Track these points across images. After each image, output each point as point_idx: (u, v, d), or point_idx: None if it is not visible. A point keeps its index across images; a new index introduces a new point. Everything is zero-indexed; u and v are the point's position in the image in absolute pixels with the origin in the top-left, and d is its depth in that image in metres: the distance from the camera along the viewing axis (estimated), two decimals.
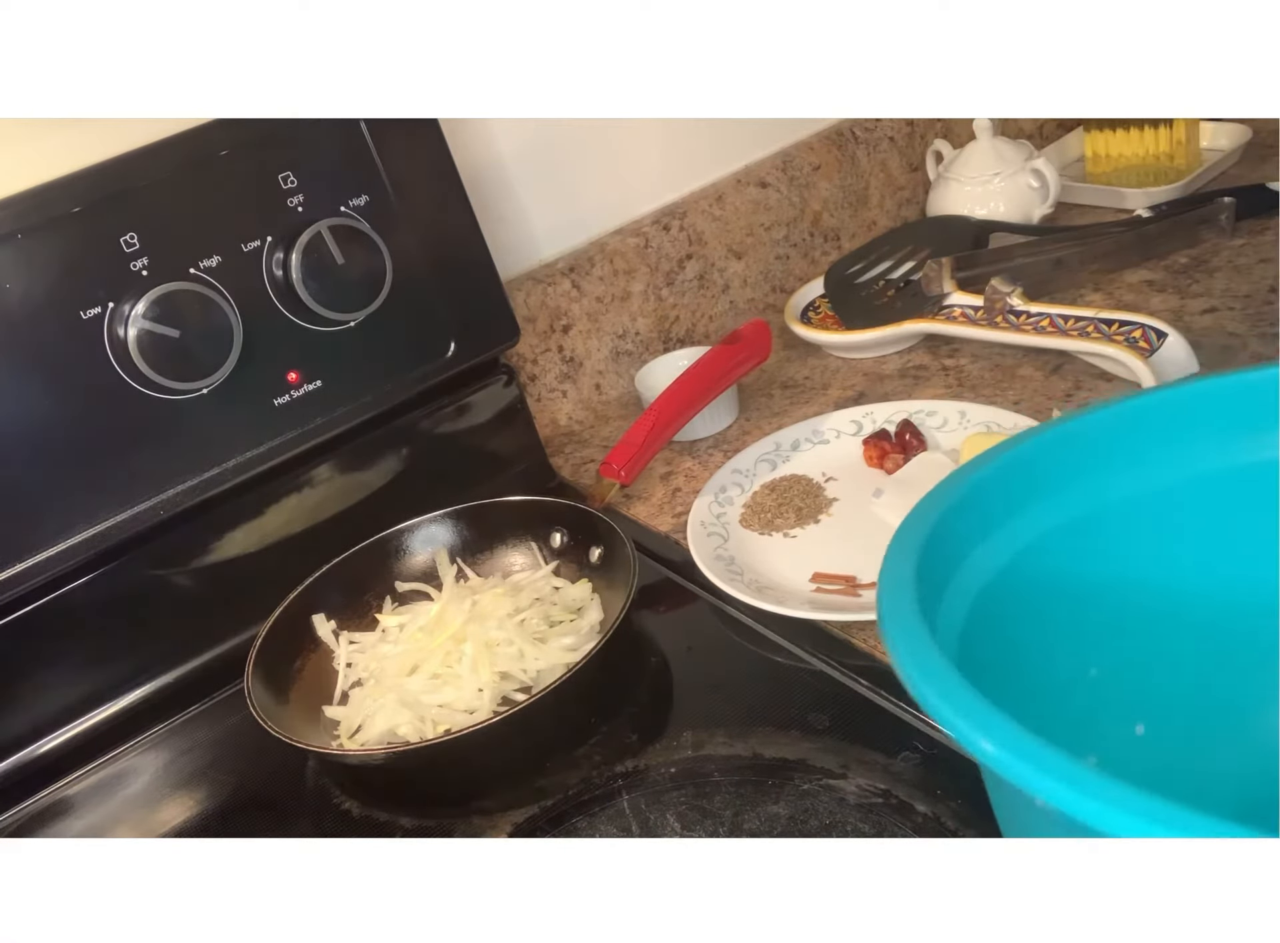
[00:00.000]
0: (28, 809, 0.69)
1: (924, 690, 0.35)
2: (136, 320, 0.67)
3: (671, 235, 0.98)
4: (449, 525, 0.77)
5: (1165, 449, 0.49)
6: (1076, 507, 0.48)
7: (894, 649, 0.38)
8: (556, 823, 0.57)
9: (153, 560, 0.73)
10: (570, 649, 0.67)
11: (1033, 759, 0.31)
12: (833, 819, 0.53)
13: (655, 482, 0.84)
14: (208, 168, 0.70)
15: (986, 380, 0.85)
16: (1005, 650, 0.44)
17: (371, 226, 0.74)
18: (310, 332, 0.74)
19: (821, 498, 0.77)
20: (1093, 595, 0.49)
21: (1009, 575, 0.46)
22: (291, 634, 0.71)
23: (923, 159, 1.12)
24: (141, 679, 0.74)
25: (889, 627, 0.39)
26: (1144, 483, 0.49)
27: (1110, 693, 0.48)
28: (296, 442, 0.75)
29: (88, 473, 0.68)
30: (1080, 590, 0.48)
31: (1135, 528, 0.49)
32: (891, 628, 0.39)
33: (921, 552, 0.42)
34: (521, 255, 0.93)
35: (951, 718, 0.33)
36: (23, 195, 0.65)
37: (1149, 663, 0.49)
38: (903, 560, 0.42)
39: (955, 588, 0.44)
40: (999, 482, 0.47)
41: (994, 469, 0.48)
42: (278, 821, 0.63)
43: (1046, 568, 0.47)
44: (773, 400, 0.91)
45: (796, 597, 0.68)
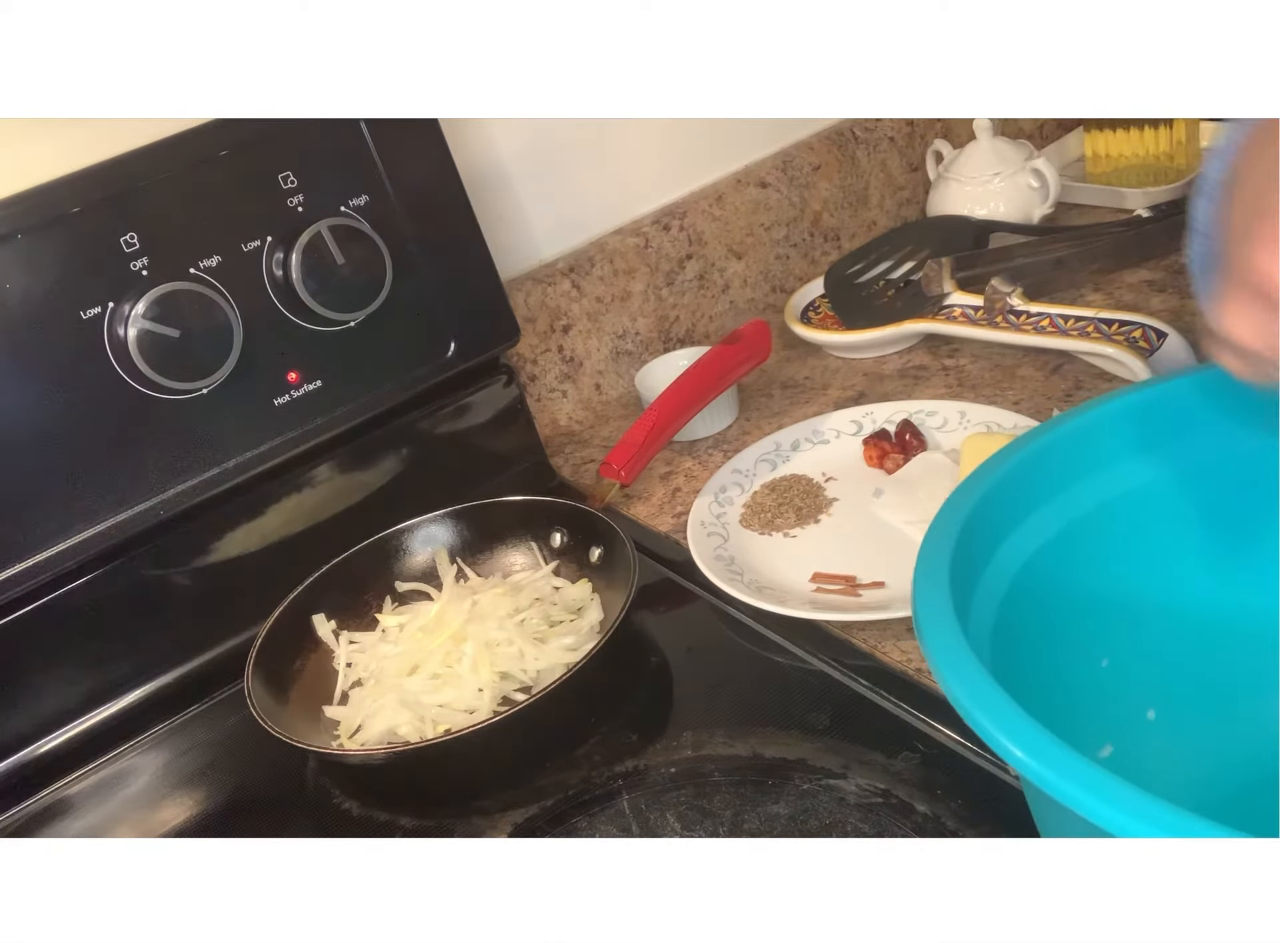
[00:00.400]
0: (28, 809, 0.69)
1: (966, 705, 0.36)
2: (136, 320, 0.67)
3: (671, 235, 0.98)
4: (449, 525, 0.77)
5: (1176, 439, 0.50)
6: (1089, 501, 0.49)
7: (934, 661, 0.38)
8: (556, 823, 0.57)
9: (153, 560, 0.73)
10: (570, 649, 0.67)
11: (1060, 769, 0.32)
12: (833, 819, 0.53)
13: (655, 482, 0.84)
14: (208, 168, 0.70)
15: (986, 380, 0.85)
16: (1029, 648, 0.45)
17: (371, 227, 0.74)
18: (310, 332, 0.74)
19: (821, 498, 0.77)
20: (1103, 588, 0.49)
21: (1029, 573, 0.47)
22: (291, 634, 0.71)
23: (923, 159, 1.12)
24: (141, 679, 0.74)
25: (929, 638, 0.39)
26: (1154, 473, 0.50)
27: (1122, 681, 0.49)
28: (296, 442, 0.75)
29: (88, 473, 0.68)
30: (1092, 584, 0.49)
31: (1142, 521, 0.50)
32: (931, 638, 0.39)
33: (952, 558, 0.43)
34: (521, 255, 0.93)
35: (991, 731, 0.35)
36: (23, 195, 0.65)
37: (1156, 653, 0.50)
38: (936, 567, 0.42)
39: (983, 590, 0.45)
40: (1017, 480, 0.48)
41: (1012, 467, 0.48)
42: (278, 821, 0.63)
43: (1063, 564, 0.48)
44: (773, 400, 0.91)
45: (796, 597, 0.68)
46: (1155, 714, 0.50)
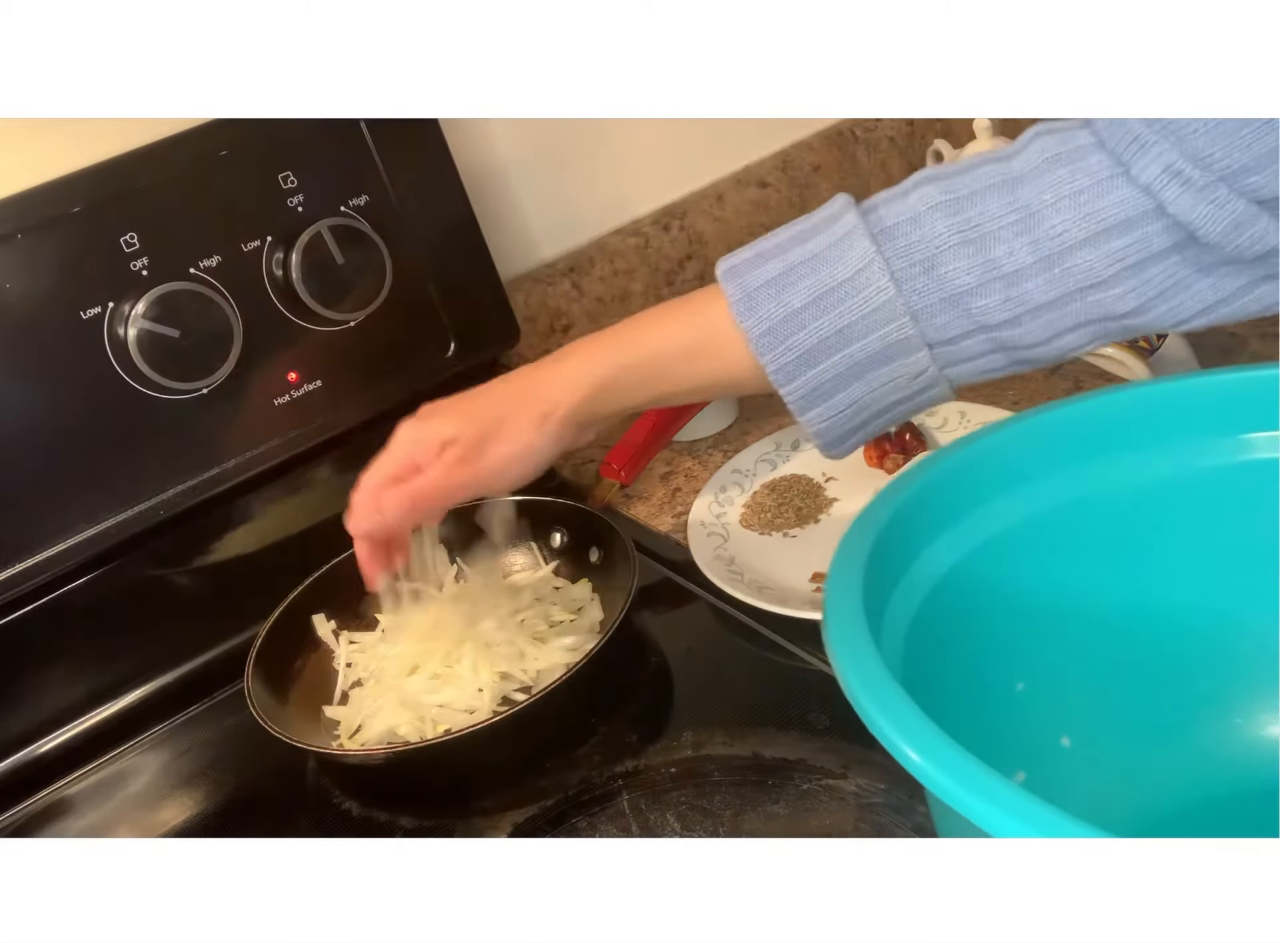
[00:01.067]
0: (28, 809, 0.69)
1: (861, 698, 0.35)
2: (136, 320, 0.67)
3: (671, 235, 0.98)
4: (449, 525, 0.77)
5: (1101, 456, 0.49)
6: (1012, 514, 0.48)
7: (835, 653, 0.37)
8: (556, 823, 0.57)
9: (153, 560, 0.73)
10: (570, 649, 0.67)
11: (957, 775, 0.31)
12: (833, 819, 0.53)
13: (655, 482, 0.84)
14: (208, 168, 0.70)
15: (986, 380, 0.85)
16: (943, 661, 0.44)
17: (371, 227, 0.74)
18: (310, 332, 0.74)
19: (821, 498, 0.77)
20: (1022, 606, 0.49)
21: (950, 585, 0.46)
22: (291, 634, 0.71)
23: (923, 159, 1.12)
24: (141, 679, 0.74)
25: (833, 629, 0.38)
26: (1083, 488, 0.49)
27: (1037, 707, 0.48)
28: (296, 442, 0.75)
29: (88, 473, 0.68)
30: (1010, 601, 0.48)
31: (1063, 538, 0.49)
32: (835, 631, 0.38)
33: (870, 554, 0.42)
34: (521, 255, 0.93)
35: (885, 730, 0.34)
36: (23, 195, 0.65)
37: (1072, 677, 0.49)
38: (851, 561, 0.42)
39: (901, 594, 0.44)
40: (945, 485, 0.47)
41: (940, 472, 0.47)
42: (278, 821, 0.63)
43: (983, 577, 0.47)
44: (773, 400, 0.90)
45: (796, 597, 0.68)
46: (1070, 742, 0.48)
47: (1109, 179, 0.48)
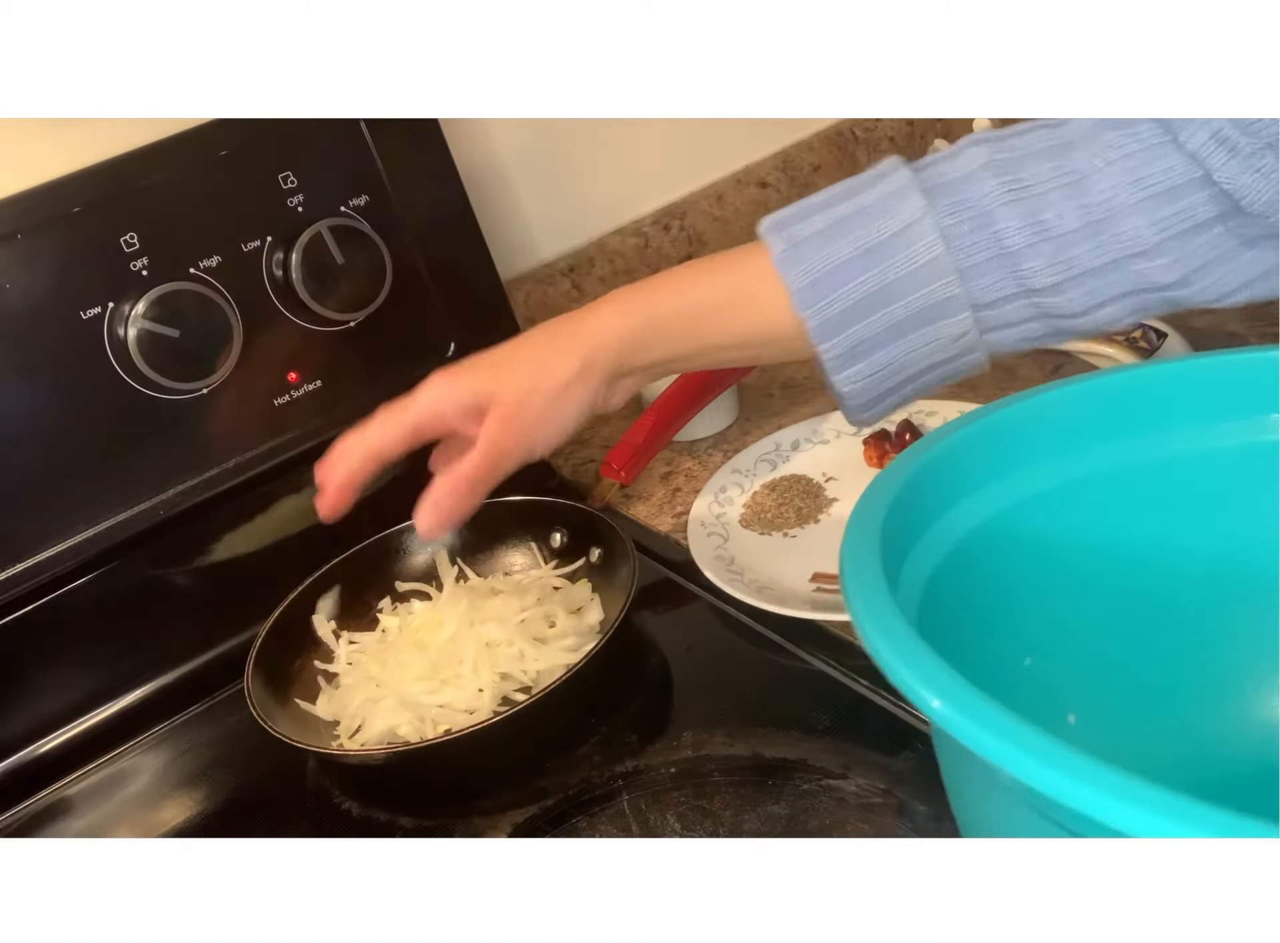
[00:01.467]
0: (28, 809, 0.69)
1: (879, 646, 0.35)
2: (136, 320, 0.67)
3: (671, 235, 0.98)
4: None
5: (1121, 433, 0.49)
6: (1029, 486, 0.48)
7: (854, 605, 0.37)
8: (556, 823, 0.57)
9: (153, 560, 0.73)
10: (570, 649, 0.67)
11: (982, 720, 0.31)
12: (833, 819, 0.53)
13: (655, 482, 0.84)
14: (208, 168, 0.70)
15: (986, 380, 0.84)
16: (956, 630, 0.43)
17: (371, 226, 0.74)
18: (310, 332, 0.74)
19: (821, 498, 0.77)
20: (1035, 579, 0.48)
21: (963, 553, 0.46)
22: (291, 634, 0.71)
23: None
24: (141, 679, 0.74)
25: (850, 583, 0.38)
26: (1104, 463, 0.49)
27: (1045, 683, 0.48)
28: (296, 442, 0.75)
29: (87, 473, 0.68)
30: (1024, 573, 0.48)
31: (1079, 513, 0.49)
32: (853, 584, 0.38)
33: (888, 513, 0.42)
34: (521, 255, 0.93)
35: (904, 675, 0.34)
36: (23, 195, 0.65)
37: (1081, 654, 0.49)
38: (869, 520, 0.41)
39: (916, 556, 0.44)
40: (964, 452, 0.47)
41: (962, 438, 0.47)
42: (278, 821, 0.63)
43: (999, 546, 0.47)
44: (773, 400, 0.91)
45: (796, 597, 0.68)
46: (1076, 719, 0.48)
47: (1158, 145, 0.48)
